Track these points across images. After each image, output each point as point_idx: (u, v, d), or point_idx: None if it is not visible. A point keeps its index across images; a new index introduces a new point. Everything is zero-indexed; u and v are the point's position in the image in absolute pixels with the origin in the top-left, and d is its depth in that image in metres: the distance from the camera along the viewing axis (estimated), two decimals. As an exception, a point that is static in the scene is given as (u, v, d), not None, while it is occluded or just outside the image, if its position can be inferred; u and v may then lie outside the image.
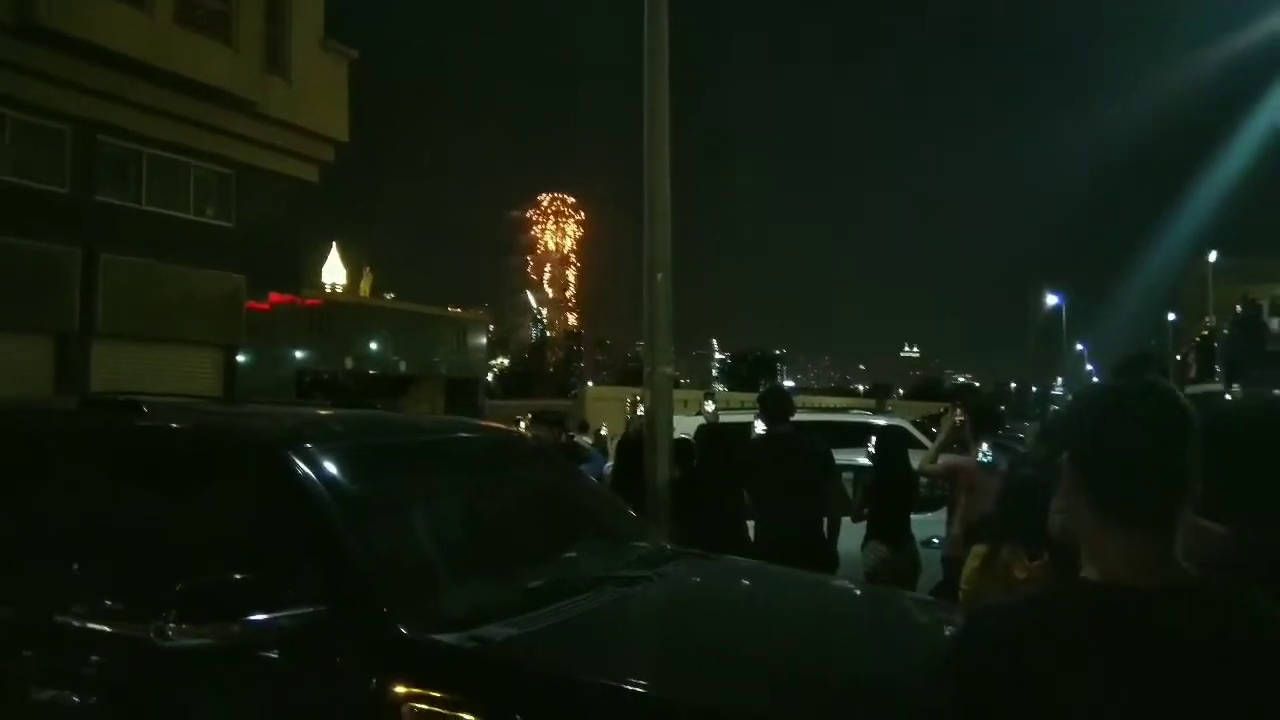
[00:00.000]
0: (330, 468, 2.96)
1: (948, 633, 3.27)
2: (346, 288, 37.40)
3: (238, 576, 2.54)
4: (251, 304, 18.18)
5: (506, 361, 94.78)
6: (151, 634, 2.54)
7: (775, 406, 5.88)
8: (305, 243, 24.46)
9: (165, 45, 15.12)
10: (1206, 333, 21.91)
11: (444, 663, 2.52)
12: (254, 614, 2.52)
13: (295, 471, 2.88)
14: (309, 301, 23.25)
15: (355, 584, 2.67)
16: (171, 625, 2.49)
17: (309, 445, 3.03)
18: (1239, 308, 15.77)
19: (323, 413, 3.94)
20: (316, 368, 25.08)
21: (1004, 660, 1.39)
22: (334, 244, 38.71)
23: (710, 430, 6.07)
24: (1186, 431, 1.42)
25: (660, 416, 5.59)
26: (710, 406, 10.00)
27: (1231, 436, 1.48)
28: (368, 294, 39.54)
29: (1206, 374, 18.23)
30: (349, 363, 26.97)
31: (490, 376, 61.20)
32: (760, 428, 6.15)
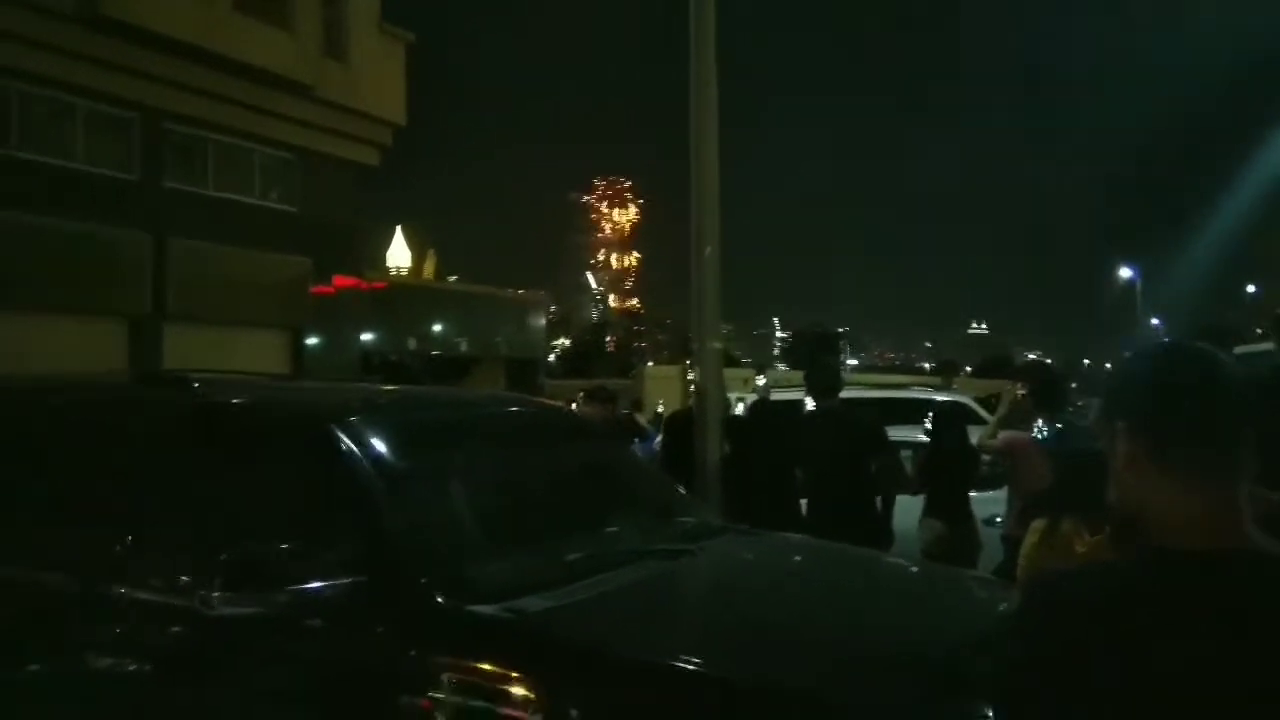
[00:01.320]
0: (374, 442, 2.99)
1: (1001, 609, 3.20)
2: (411, 270, 37.82)
3: (281, 546, 2.59)
4: (316, 287, 18.54)
5: (568, 342, 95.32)
6: (197, 603, 2.60)
7: (822, 381, 5.80)
8: (368, 226, 24.83)
9: (224, 31, 15.42)
10: (1289, 304, 21.01)
11: (480, 633, 2.53)
12: (296, 584, 2.56)
13: (339, 445, 2.91)
14: (372, 284, 23.61)
15: (394, 555, 2.69)
16: (216, 594, 2.54)
17: (353, 420, 3.07)
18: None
19: (371, 389, 3.98)
20: (381, 349, 25.49)
21: (1062, 624, 1.36)
22: (398, 227, 39.14)
23: (761, 406, 6.01)
24: (1238, 391, 1.40)
25: (710, 392, 5.54)
26: (761, 381, 9.93)
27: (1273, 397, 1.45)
28: (432, 276, 39.91)
29: (1288, 348, 17.45)
30: (412, 343, 27.31)
31: (551, 357, 61.59)
32: (810, 404, 6.08)
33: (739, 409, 7.07)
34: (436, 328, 30.47)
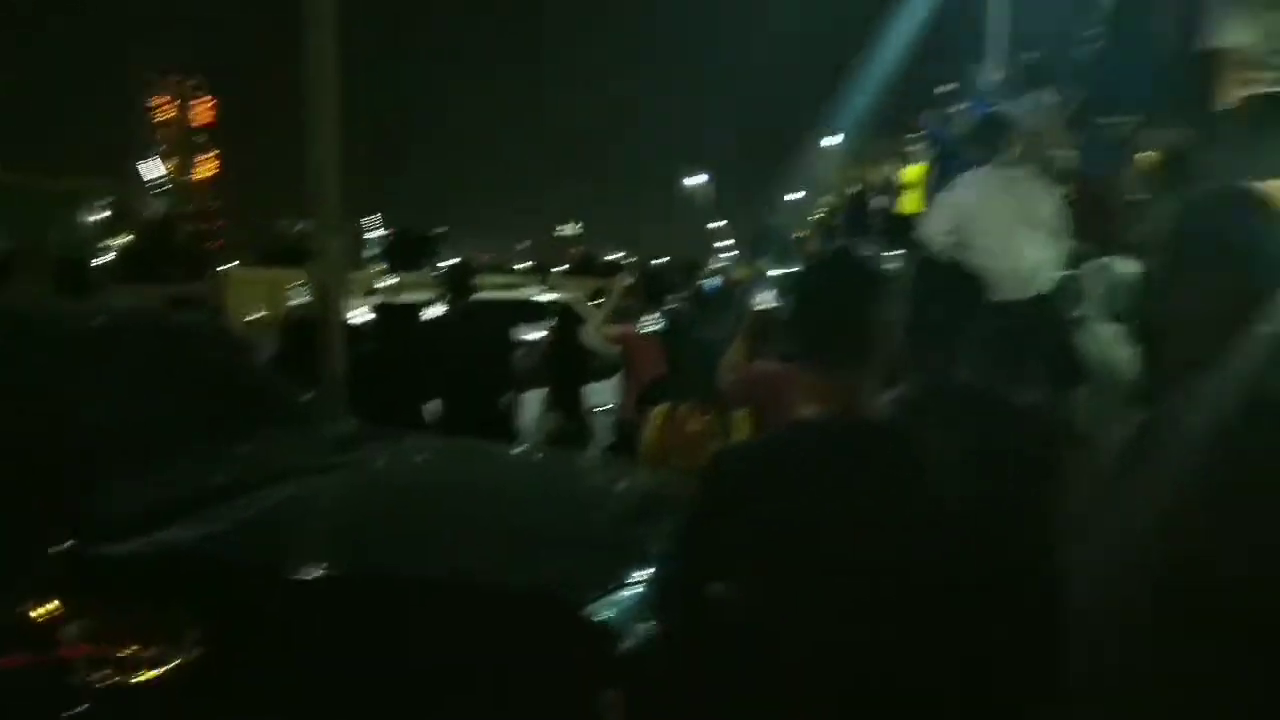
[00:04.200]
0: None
1: (622, 485, 3.54)
2: (-93, 149, 30.68)
3: None
4: None
5: (128, 239, 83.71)
6: None
7: (459, 282, 5.76)
8: None
9: None
10: (826, 210, 24.50)
11: (116, 574, 2.24)
12: None
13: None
14: None
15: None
16: None
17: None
18: (848, 190, 17.72)
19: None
20: None
21: (732, 485, 1.65)
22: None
23: (390, 309, 5.82)
24: (868, 288, 1.70)
25: (332, 294, 5.22)
26: (389, 282, 9.62)
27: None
28: (-63, 157, 32.72)
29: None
30: (-83, 240, 22.44)
31: (110, 256, 54.06)
32: (438, 308, 6.00)
33: (361, 313, 6.79)
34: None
